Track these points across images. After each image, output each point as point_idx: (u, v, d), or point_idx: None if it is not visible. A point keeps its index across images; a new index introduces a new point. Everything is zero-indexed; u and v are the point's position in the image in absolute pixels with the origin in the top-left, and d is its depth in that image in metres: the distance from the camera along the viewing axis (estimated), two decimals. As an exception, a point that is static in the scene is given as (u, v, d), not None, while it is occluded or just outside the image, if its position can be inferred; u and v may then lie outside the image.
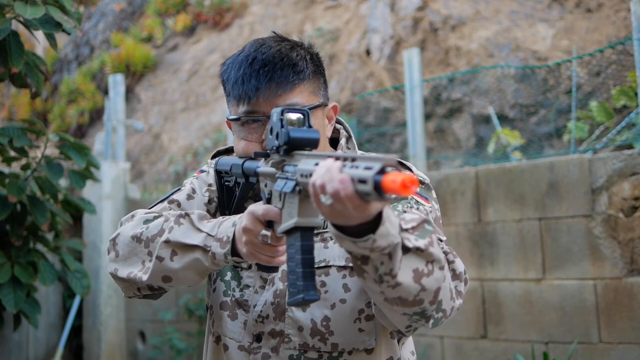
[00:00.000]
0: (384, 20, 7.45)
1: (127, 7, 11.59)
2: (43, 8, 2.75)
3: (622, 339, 3.37)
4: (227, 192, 1.45)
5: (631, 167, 3.41)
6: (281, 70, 1.34)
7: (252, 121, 1.35)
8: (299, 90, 1.36)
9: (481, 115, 6.18)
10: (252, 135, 1.36)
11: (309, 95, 1.37)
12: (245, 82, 1.34)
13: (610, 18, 6.06)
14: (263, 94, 1.33)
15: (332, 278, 1.35)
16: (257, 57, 1.35)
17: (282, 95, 1.33)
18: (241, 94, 1.34)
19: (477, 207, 3.96)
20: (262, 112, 1.33)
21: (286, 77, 1.34)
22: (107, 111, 6.45)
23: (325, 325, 1.34)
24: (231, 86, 1.37)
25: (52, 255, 3.84)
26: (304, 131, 1.16)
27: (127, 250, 1.36)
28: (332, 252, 1.36)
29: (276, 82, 1.33)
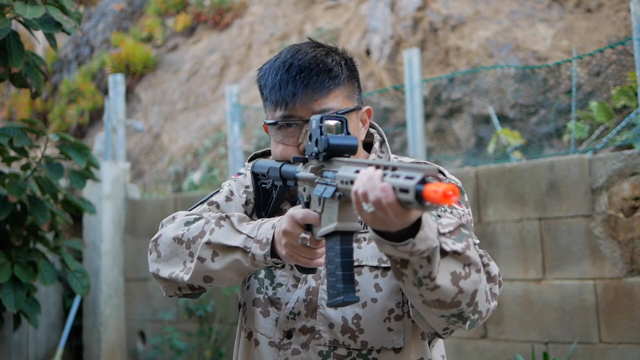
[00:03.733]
0: (384, 20, 7.45)
1: (127, 7, 11.59)
2: (43, 8, 2.75)
3: (622, 339, 3.37)
4: (264, 194, 1.49)
5: (631, 167, 3.41)
6: (317, 76, 1.38)
7: (288, 125, 1.39)
8: (334, 95, 1.40)
9: (481, 115, 6.18)
10: (289, 139, 1.40)
11: (344, 99, 1.42)
12: (282, 87, 1.38)
13: (610, 18, 6.06)
14: (300, 99, 1.37)
15: (364, 277, 1.38)
16: (294, 64, 1.39)
17: (318, 100, 1.38)
18: (278, 99, 1.39)
19: (477, 207, 3.96)
20: (299, 117, 1.38)
21: (322, 82, 1.38)
22: (107, 111, 6.45)
23: (356, 323, 1.37)
24: (269, 91, 1.41)
25: (52, 255, 3.84)
26: (342, 138, 1.21)
27: (169, 251, 1.41)
28: (365, 252, 1.40)
29: (312, 87, 1.37)
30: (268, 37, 9.09)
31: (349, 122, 1.38)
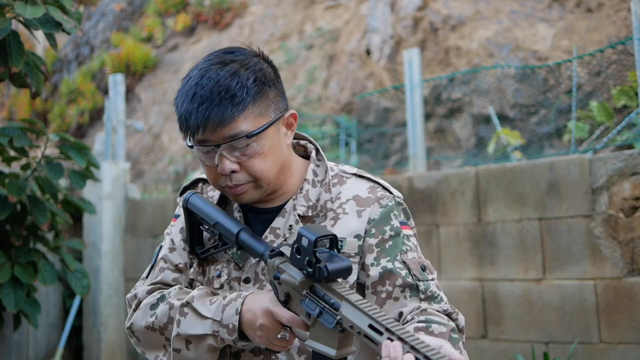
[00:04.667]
0: (384, 20, 7.44)
1: (127, 7, 11.59)
2: (43, 8, 2.74)
3: (622, 339, 3.37)
4: (198, 233, 1.49)
5: (631, 167, 3.41)
6: (218, 106, 1.36)
7: (205, 151, 1.39)
8: (241, 119, 1.37)
9: (481, 115, 6.18)
10: (209, 160, 1.40)
11: (254, 119, 1.38)
12: (188, 118, 1.38)
13: (610, 18, 6.06)
14: (205, 130, 1.36)
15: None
16: (197, 93, 1.37)
17: (223, 129, 1.36)
18: (187, 130, 1.38)
19: (477, 207, 3.96)
20: (212, 141, 1.37)
21: (223, 112, 1.36)
22: (107, 111, 6.45)
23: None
24: (180, 121, 1.41)
25: (52, 255, 3.84)
26: (339, 262, 1.21)
27: (146, 337, 1.44)
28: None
29: (213, 119, 1.35)
30: (268, 37, 9.09)
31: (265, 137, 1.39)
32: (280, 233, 1.42)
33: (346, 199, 1.45)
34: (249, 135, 1.37)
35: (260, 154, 1.39)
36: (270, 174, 1.41)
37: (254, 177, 1.39)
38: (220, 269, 1.46)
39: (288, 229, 1.42)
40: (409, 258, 1.41)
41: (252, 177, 1.39)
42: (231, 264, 1.45)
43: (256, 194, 1.41)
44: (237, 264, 1.44)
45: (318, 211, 1.44)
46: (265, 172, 1.39)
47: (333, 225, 1.42)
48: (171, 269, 1.50)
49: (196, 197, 1.49)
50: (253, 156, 1.38)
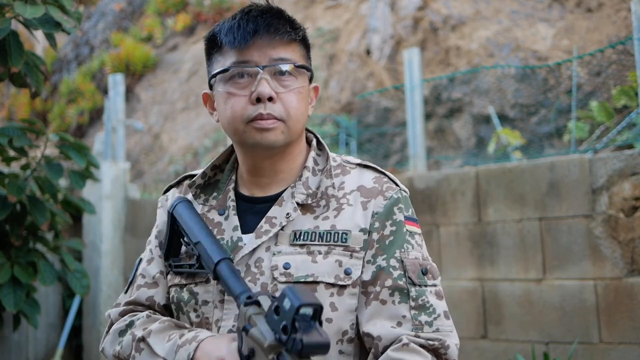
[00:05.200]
0: (384, 20, 7.44)
1: (126, 7, 11.59)
2: (43, 8, 2.74)
3: (622, 339, 3.37)
4: (178, 240, 1.41)
5: (631, 167, 3.40)
6: (279, 20, 1.31)
7: (240, 76, 1.30)
8: (294, 48, 1.33)
9: (481, 115, 6.18)
10: (241, 88, 1.30)
11: (301, 57, 1.35)
12: (241, 26, 1.29)
13: (610, 18, 6.06)
14: (260, 37, 1.28)
15: (320, 295, 1.28)
16: (254, 8, 1.32)
17: (278, 47, 1.30)
18: (236, 37, 1.29)
19: (477, 207, 3.95)
20: (255, 63, 1.29)
21: (284, 26, 1.31)
22: (107, 111, 6.45)
23: None
24: (225, 34, 1.31)
25: (52, 255, 3.84)
26: (317, 337, 1.06)
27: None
28: (321, 268, 1.29)
29: (275, 28, 1.29)
30: (268, 36, 9.09)
31: (302, 80, 1.33)
32: (276, 222, 1.32)
33: (350, 189, 1.36)
34: (297, 64, 1.31)
35: (298, 93, 1.32)
36: (300, 120, 1.33)
37: (288, 114, 1.29)
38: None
39: (286, 217, 1.32)
40: (409, 257, 1.31)
41: (286, 113, 1.29)
42: None
43: (281, 138, 1.30)
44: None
45: (318, 198, 1.34)
46: (298, 114, 1.31)
47: (336, 216, 1.33)
48: (148, 283, 1.42)
49: (184, 206, 1.39)
50: (291, 91, 1.31)
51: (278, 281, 1.29)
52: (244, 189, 1.41)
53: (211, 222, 1.38)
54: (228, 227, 1.36)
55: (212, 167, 1.46)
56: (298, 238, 1.32)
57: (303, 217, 1.34)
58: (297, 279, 1.28)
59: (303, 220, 1.33)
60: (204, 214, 1.40)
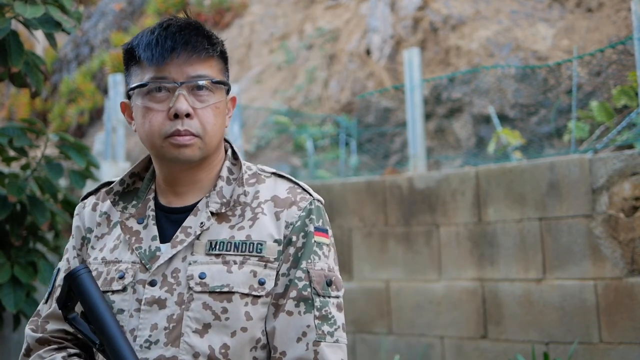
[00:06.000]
0: (384, 20, 7.44)
1: (127, 7, 11.58)
2: (43, 7, 2.74)
3: (622, 339, 3.37)
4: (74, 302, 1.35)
5: (632, 167, 3.40)
6: (197, 36, 1.32)
7: (158, 90, 1.32)
8: (211, 64, 1.35)
9: (481, 115, 6.18)
10: (159, 103, 1.32)
11: (218, 72, 1.37)
12: (159, 43, 1.30)
13: (610, 18, 6.05)
14: (178, 55, 1.30)
15: (235, 305, 1.30)
16: (173, 24, 1.33)
17: (195, 64, 1.31)
18: (154, 54, 1.30)
19: (478, 207, 3.95)
20: (172, 79, 1.31)
21: (202, 43, 1.32)
22: (107, 111, 6.45)
23: (224, 353, 1.29)
24: (143, 49, 1.32)
25: (52, 255, 3.83)
26: None
27: None
28: (236, 278, 1.31)
29: (192, 45, 1.31)
30: (268, 37, 9.09)
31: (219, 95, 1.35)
32: (191, 232, 1.34)
33: (264, 199, 1.38)
34: (214, 80, 1.33)
35: (215, 108, 1.34)
36: (217, 135, 1.36)
37: (204, 130, 1.32)
38: (124, 269, 1.35)
39: (199, 226, 1.34)
40: (315, 268, 1.33)
41: (203, 129, 1.32)
42: (137, 264, 1.35)
43: (198, 153, 1.33)
44: (143, 265, 1.34)
45: (232, 207, 1.36)
46: (214, 129, 1.34)
47: (251, 226, 1.35)
48: None
49: (88, 280, 1.30)
50: (208, 107, 1.33)
51: (194, 291, 1.30)
52: (162, 199, 1.42)
53: (129, 231, 1.39)
54: (147, 236, 1.37)
55: (130, 174, 1.47)
56: (214, 248, 1.33)
57: (219, 226, 1.36)
58: (213, 289, 1.30)
59: (219, 229, 1.35)
60: (123, 221, 1.41)
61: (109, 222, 1.46)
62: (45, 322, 1.44)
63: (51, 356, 1.38)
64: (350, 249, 4.40)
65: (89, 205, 1.51)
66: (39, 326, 1.44)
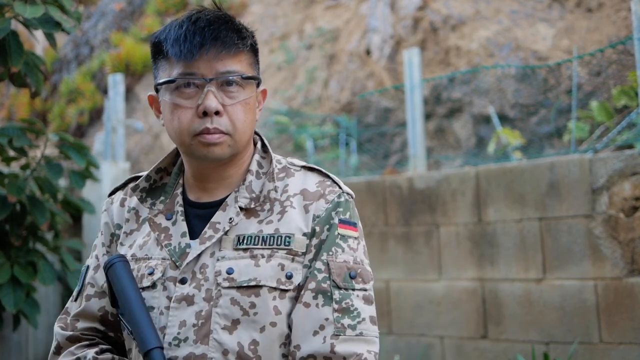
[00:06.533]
0: (384, 20, 7.44)
1: (126, 7, 11.58)
2: (42, 7, 2.74)
3: (622, 339, 3.37)
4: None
5: (632, 167, 3.40)
6: (226, 31, 1.30)
7: (187, 86, 1.29)
8: (240, 58, 1.32)
9: (481, 115, 6.17)
10: (188, 100, 1.29)
11: (248, 66, 1.34)
12: (188, 38, 1.27)
13: (610, 18, 6.05)
14: (207, 51, 1.27)
15: (263, 299, 1.28)
16: (201, 17, 1.30)
17: (224, 59, 1.29)
18: (183, 50, 1.27)
19: (477, 207, 3.95)
20: (201, 75, 1.28)
21: (231, 38, 1.30)
22: (107, 111, 6.44)
23: (253, 349, 1.27)
24: (171, 44, 1.29)
25: (52, 255, 3.83)
26: None
27: None
28: (264, 272, 1.29)
29: (222, 41, 1.28)
30: (268, 36, 9.09)
31: (250, 90, 1.33)
32: (220, 227, 1.32)
33: (294, 192, 1.35)
34: (244, 75, 1.31)
35: (245, 104, 1.32)
36: (247, 132, 1.33)
37: (234, 128, 1.30)
38: (153, 266, 1.34)
39: (229, 222, 1.32)
40: (337, 260, 1.30)
41: (232, 126, 1.30)
42: (167, 261, 1.33)
43: (227, 151, 1.31)
44: (174, 262, 1.32)
45: (262, 202, 1.34)
46: (244, 126, 1.32)
47: (280, 219, 1.33)
48: (98, 292, 1.42)
49: (122, 268, 1.32)
50: (238, 104, 1.30)
51: (222, 286, 1.29)
52: (191, 194, 1.40)
53: (158, 227, 1.38)
54: (176, 232, 1.36)
55: (156, 169, 1.45)
56: (241, 242, 1.31)
57: (247, 221, 1.34)
58: (240, 284, 1.28)
59: (247, 224, 1.33)
60: (151, 218, 1.39)
61: (137, 217, 1.43)
62: (75, 320, 1.42)
63: (83, 352, 1.37)
64: (350, 249, 4.39)
65: (117, 201, 1.48)
66: (69, 324, 1.43)
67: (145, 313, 1.26)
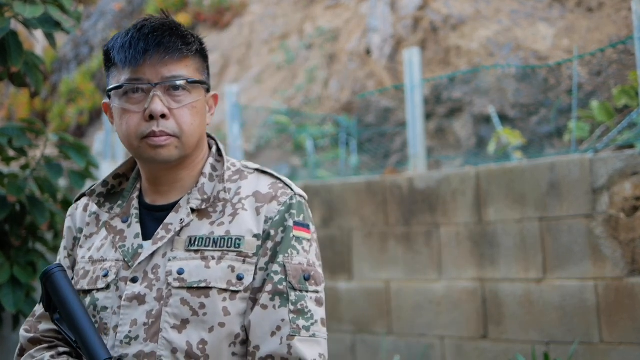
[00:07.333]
0: (384, 19, 7.44)
1: (126, 7, 11.58)
2: (42, 7, 2.73)
3: (623, 339, 3.37)
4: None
5: (632, 167, 3.40)
6: (170, 37, 1.33)
7: (134, 91, 1.33)
8: (186, 63, 1.35)
9: (482, 115, 6.17)
10: (135, 106, 1.33)
11: (195, 71, 1.37)
12: (133, 45, 1.32)
13: (611, 17, 6.05)
14: (150, 56, 1.31)
15: (212, 300, 1.31)
16: (146, 25, 1.34)
17: (169, 65, 1.33)
18: (127, 56, 1.32)
19: (478, 207, 3.95)
20: (147, 80, 1.32)
21: (175, 44, 1.33)
22: (107, 111, 6.45)
23: (202, 349, 1.30)
24: (117, 52, 1.34)
25: (52, 255, 3.83)
26: None
27: None
28: (214, 273, 1.32)
29: (165, 47, 1.32)
30: (268, 36, 9.08)
31: (197, 94, 1.36)
32: (172, 228, 1.36)
33: (246, 195, 1.39)
34: (190, 80, 1.34)
35: (191, 108, 1.35)
36: (194, 135, 1.36)
37: (181, 130, 1.33)
38: (108, 267, 1.38)
39: (179, 223, 1.36)
40: (293, 262, 1.34)
41: (179, 129, 1.33)
42: (120, 262, 1.37)
43: (175, 153, 1.35)
44: (126, 263, 1.36)
45: (212, 203, 1.38)
46: (192, 129, 1.35)
47: (231, 221, 1.36)
48: None
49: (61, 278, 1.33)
50: (184, 107, 1.34)
51: (172, 286, 1.32)
52: (147, 198, 1.44)
53: (114, 230, 1.41)
54: (130, 234, 1.39)
55: (114, 175, 1.49)
56: (193, 244, 1.35)
57: (200, 222, 1.37)
58: (190, 285, 1.31)
59: (199, 226, 1.37)
60: (108, 221, 1.43)
61: (97, 221, 1.47)
62: (38, 322, 1.46)
63: (41, 355, 1.40)
64: (350, 249, 4.39)
65: (81, 206, 1.52)
66: (32, 326, 1.46)
67: (90, 323, 1.28)
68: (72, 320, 1.29)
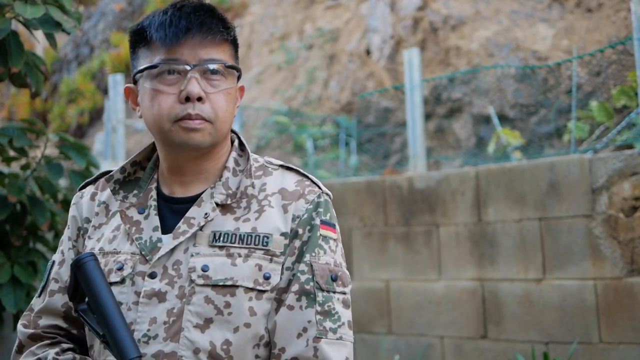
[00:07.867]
0: (384, 20, 7.44)
1: (127, 7, 11.59)
2: (43, 8, 2.74)
3: (622, 339, 3.37)
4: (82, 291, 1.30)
5: (631, 167, 3.41)
6: (211, 18, 1.29)
7: (169, 72, 1.27)
8: (224, 48, 1.31)
9: (481, 115, 6.18)
10: (169, 86, 1.27)
11: (231, 57, 1.33)
12: (174, 23, 1.25)
13: (610, 18, 6.06)
14: (193, 36, 1.25)
15: (238, 299, 1.25)
16: (186, 5, 1.29)
17: (208, 47, 1.27)
18: (168, 33, 1.25)
19: (477, 207, 3.95)
20: (184, 61, 1.26)
21: (217, 26, 1.29)
22: (107, 111, 6.45)
23: (225, 349, 1.24)
24: (155, 29, 1.27)
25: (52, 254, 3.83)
26: None
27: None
28: (241, 272, 1.26)
29: (208, 27, 1.26)
30: (268, 36, 9.09)
31: (231, 81, 1.31)
32: (194, 222, 1.29)
33: (272, 191, 1.33)
34: (227, 64, 1.30)
35: (226, 94, 1.30)
36: (227, 122, 1.31)
37: (216, 116, 1.27)
38: (123, 261, 1.30)
39: (204, 217, 1.29)
40: (320, 262, 1.29)
41: (214, 114, 1.27)
42: (137, 256, 1.30)
43: (208, 139, 1.28)
44: (143, 257, 1.29)
45: (238, 199, 1.32)
46: (226, 115, 1.29)
47: (257, 218, 1.30)
48: (62, 288, 1.38)
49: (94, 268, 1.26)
50: (220, 92, 1.29)
51: (196, 284, 1.25)
52: (165, 188, 1.38)
53: (130, 220, 1.34)
54: (148, 226, 1.33)
55: (132, 162, 1.43)
56: (217, 239, 1.29)
57: (223, 217, 1.31)
58: (216, 282, 1.25)
59: (223, 221, 1.31)
60: (123, 210, 1.36)
61: (107, 211, 1.40)
62: (38, 317, 1.39)
63: (44, 352, 1.34)
64: (350, 249, 4.40)
65: (87, 195, 1.45)
66: (32, 321, 1.40)
67: (121, 318, 1.22)
68: (102, 312, 1.22)
